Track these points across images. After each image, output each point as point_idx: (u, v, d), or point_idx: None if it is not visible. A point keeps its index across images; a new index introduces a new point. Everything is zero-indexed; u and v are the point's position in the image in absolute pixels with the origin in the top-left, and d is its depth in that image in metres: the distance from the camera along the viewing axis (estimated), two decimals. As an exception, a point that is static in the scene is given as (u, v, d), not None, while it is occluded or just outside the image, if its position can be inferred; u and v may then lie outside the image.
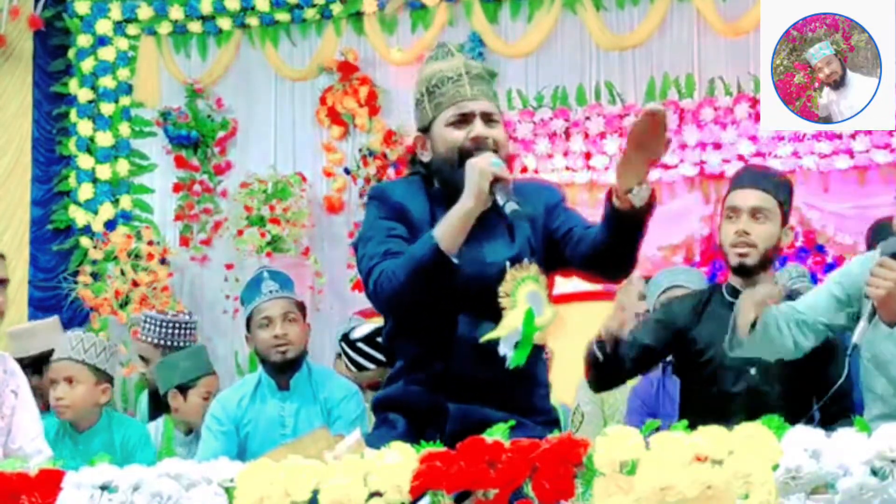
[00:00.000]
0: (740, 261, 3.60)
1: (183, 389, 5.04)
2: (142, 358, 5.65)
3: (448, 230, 2.84)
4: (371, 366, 4.81)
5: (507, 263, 2.91)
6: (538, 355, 3.01)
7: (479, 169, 2.84)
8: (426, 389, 2.94)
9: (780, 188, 3.68)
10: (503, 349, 2.88)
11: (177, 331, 5.80)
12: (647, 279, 5.55)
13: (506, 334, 2.88)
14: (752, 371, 3.57)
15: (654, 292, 4.80)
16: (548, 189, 3.18)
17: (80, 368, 4.62)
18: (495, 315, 2.87)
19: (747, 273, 3.63)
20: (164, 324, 5.78)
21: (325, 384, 4.48)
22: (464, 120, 2.99)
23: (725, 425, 2.17)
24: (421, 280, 2.85)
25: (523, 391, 2.94)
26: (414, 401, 2.95)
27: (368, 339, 4.80)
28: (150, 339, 5.67)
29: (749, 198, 3.60)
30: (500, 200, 2.82)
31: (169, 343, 5.75)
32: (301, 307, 4.58)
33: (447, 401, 2.89)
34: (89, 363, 4.63)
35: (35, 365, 5.32)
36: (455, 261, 2.82)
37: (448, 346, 2.91)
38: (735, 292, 3.67)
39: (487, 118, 3.01)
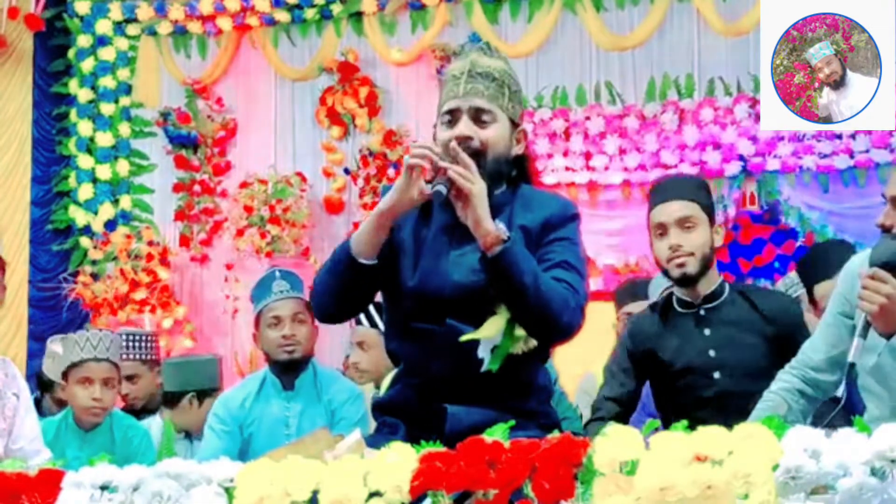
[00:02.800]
0: (681, 272, 3.62)
1: (201, 395, 5.07)
2: (129, 378, 5.40)
3: (361, 231, 2.84)
4: None
5: None
6: (534, 363, 2.97)
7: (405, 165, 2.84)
8: (421, 393, 2.93)
9: (700, 192, 3.69)
10: (482, 352, 2.87)
11: (154, 344, 5.78)
12: (645, 281, 5.56)
13: (484, 337, 2.87)
14: (717, 375, 3.58)
15: (655, 291, 4.81)
16: (558, 203, 3.00)
17: (115, 371, 4.64)
18: (480, 322, 2.86)
19: (691, 282, 3.64)
20: (147, 338, 5.74)
21: (330, 386, 4.48)
22: (453, 118, 2.95)
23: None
24: (334, 282, 2.86)
25: (517, 394, 2.92)
26: (411, 404, 2.95)
27: None
28: (139, 357, 5.61)
29: (673, 210, 3.61)
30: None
31: (154, 357, 5.71)
32: (311, 308, 4.58)
33: (443, 403, 2.89)
34: (116, 363, 4.66)
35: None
36: (365, 262, 2.80)
37: (436, 351, 2.90)
38: (685, 304, 3.69)
39: (478, 116, 2.95)
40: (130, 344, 5.58)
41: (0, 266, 3.87)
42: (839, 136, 7.13)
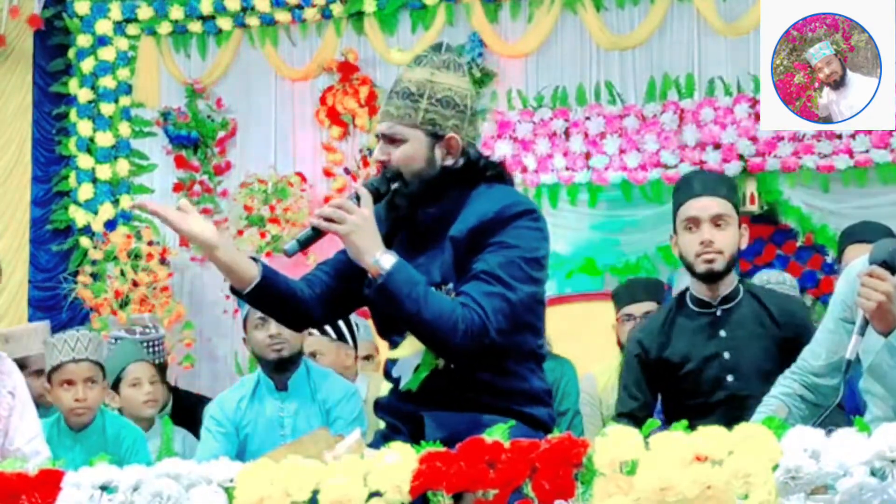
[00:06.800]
0: (709, 267, 3.58)
1: (114, 385, 5.06)
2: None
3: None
4: None
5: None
6: (494, 365, 2.86)
7: None
8: (397, 397, 2.95)
9: (732, 191, 3.68)
10: (397, 371, 2.88)
11: (162, 346, 5.73)
12: (645, 281, 5.55)
13: (400, 357, 2.88)
14: (731, 378, 3.57)
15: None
16: (494, 205, 2.83)
17: (97, 369, 4.59)
18: None
19: (715, 279, 3.61)
20: (158, 342, 5.69)
21: (324, 384, 4.49)
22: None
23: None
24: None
25: (489, 396, 2.85)
26: (395, 407, 2.97)
27: None
28: (154, 360, 5.56)
29: (708, 206, 3.57)
30: None
31: (163, 361, 5.67)
32: None
33: (418, 408, 2.87)
34: (101, 363, 4.63)
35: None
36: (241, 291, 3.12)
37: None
38: (700, 302, 3.66)
39: (389, 139, 2.90)
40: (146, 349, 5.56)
41: None
42: (839, 136, 7.12)
